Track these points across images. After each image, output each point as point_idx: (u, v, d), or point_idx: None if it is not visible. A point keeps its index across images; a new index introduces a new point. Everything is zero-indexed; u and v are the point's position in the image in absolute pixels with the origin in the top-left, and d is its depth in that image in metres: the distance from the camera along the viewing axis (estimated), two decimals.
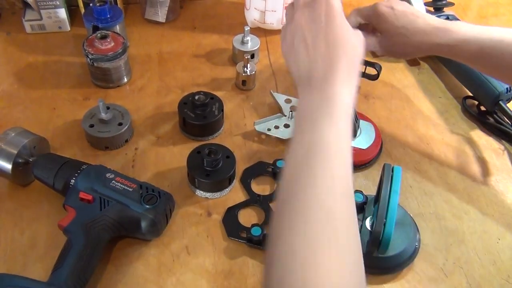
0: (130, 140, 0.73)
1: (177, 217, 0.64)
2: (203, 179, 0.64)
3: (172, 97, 0.80)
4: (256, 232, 0.60)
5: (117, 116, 0.72)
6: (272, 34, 0.94)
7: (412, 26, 0.66)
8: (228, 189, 0.67)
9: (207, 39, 0.93)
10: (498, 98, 0.77)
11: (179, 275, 0.58)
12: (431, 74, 0.89)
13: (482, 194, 0.70)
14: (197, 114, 0.72)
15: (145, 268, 0.59)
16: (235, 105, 0.80)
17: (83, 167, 0.62)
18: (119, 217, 0.58)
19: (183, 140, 0.74)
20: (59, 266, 0.53)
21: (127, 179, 0.61)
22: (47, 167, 0.62)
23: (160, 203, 0.59)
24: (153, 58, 0.88)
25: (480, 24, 0.66)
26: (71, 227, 0.56)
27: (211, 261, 0.60)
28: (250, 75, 0.81)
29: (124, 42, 0.79)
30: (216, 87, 0.83)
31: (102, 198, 0.59)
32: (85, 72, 0.82)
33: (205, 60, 0.88)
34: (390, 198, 0.55)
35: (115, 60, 0.77)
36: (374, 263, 0.59)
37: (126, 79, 0.82)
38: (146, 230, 0.59)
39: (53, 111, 0.77)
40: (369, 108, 0.81)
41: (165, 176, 0.69)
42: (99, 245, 0.56)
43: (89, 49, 0.76)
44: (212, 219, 0.64)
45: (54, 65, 0.85)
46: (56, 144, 0.71)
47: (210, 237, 0.62)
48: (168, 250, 0.61)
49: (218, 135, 0.75)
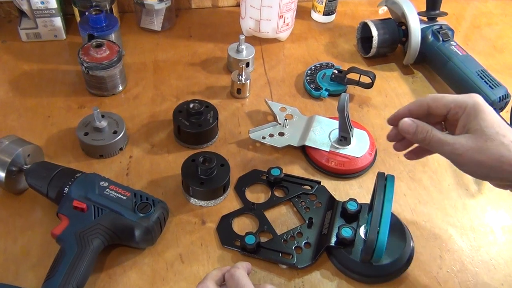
0: (125, 148, 0.73)
1: (171, 225, 0.64)
2: (198, 187, 0.64)
3: (167, 105, 0.80)
4: (250, 241, 0.60)
5: (112, 124, 0.72)
6: (267, 43, 0.95)
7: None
8: (223, 197, 0.67)
9: (203, 47, 0.93)
10: (491, 107, 0.77)
11: (172, 284, 0.58)
12: (425, 82, 0.90)
13: (476, 203, 0.70)
14: (191, 122, 0.72)
15: (138, 277, 0.58)
16: (230, 113, 0.80)
17: (77, 175, 0.62)
18: (112, 226, 0.58)
19: (177, 148, 0.74)
20: (52, 275, 0.52)
21: (121, 187, 0.61)
22: (40, 175, 0.62)
23: (154, 212, 0.59)
24: (148, 67, 0.88)
25: (473, 35, 0.66)
26: (64, 235, 0.56)
27: (205, 269, 0.60)
28: (245, 83, 0.81)
29: (119, 50, 0.79)
30: (211, 95, 0.83)
31: (95, 207, 0.58)
32: (80, 80, 0.82)
33: (200, 69, 0.89)
34: (383, 206, 0.55)
35: (110, 69, 0.77)
36: (368, 272, 0.59)
37: (121, 87, 0.82)
38: (140, 238, 0.58)
39: (48, 119, 0.77)
40: (364, 117, 0.82)
41: (160, 184, 0.69)
42: (93, 254, 0.55)
43: (84, 58, 0.77)
44: (206, 227, 0.64)
45: (50, 73, 0.85)
46: (51, 152, 0.71)
47: (204, 246, 0.62)
48: (162, 259, 0.60)
49: (212, 143, 0.75)
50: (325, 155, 0.72)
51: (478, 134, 0.50)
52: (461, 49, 0.85)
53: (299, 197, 0.68)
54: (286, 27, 0.94)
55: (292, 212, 0.67)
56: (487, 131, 0.50)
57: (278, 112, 0.78)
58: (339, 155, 0.72)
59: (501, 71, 0.91)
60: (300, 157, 0.74)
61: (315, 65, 0.88)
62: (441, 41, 0.86)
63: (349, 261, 0.59)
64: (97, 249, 0.56)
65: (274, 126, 0.76)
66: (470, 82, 0.80)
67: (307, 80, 0.86)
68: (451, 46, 0.86)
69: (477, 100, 0.52)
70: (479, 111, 0.51)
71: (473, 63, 0.83)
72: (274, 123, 0.77)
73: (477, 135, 0.50)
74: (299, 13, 0.99)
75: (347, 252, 0.59)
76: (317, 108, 0.83)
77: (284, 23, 0.92)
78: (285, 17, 0.91)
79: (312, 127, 0.75)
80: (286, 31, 0.95)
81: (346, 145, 0.72)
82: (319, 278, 0.60)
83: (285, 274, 0.60)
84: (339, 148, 0.72)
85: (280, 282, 0.59)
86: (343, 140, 0.72)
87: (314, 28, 1.01)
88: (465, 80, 0.81)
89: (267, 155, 0.74)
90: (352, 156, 0.71)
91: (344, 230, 0.60)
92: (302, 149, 0.74)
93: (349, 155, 0.72)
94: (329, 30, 1.01)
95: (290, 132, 0.76)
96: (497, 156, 0.49)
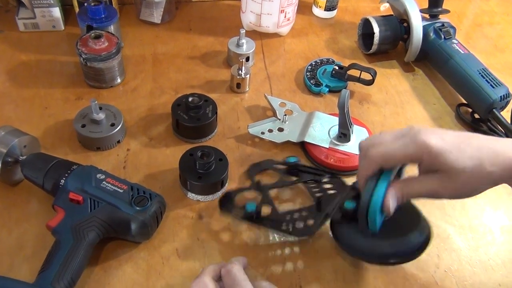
0: (122, 141, 0.72)
1: (168, 219, 0.63)
2: (195, 181, 0.64)
3: (165, 99, 0.80)
4: (251, 208, 0.60)
5: (110, 116, 0.71)
6: (268, 37, 0.94)
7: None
8: (220, 192, 0.67)
9: (203, 41, 0.93)
10: (492, 106, 0.77)
11: (168, 279, 0.58)
12: (426, 80, 0.89)
13: (474, 202, 0.69)
14: (190, 116, 0.72)
15: (134, 271, 0.58)
16: (229, 107, 0.80)
17: (73, 167, 0.61)
18: (109, 219, 0.57)
19: (175, 142, 0.73)
20: (46, 268, 0.52)
21: (118, 180, 0.60)
22: (37, 166, 0.61)
23: (151, 205, 0.58)
24: (147, 59, 0.87)
25: (475, 33, 0.65)
26: (59, 228, 0.56)
27: (202, 264, 0.59)
28: (244, 78, 0.80)
29: (118, 42, 0.78)
30: (210, 89, 0.82)
31: (92, 199, 0.58)
32: (78, 71, 0.82)
33: (200, 62, 0.88)
34: (379, 180, 0.52)
35: (108, 60, 0.77)
36: (379, 251, 0.55)
37: (119, 80, 0.81)
38: (136, 232, 0.58)
39: (45, 110, 0.76)
40: (363, 113, 0.81)
41: (157, 178, 0.68)
42: (88, 247, 0.55)
43: (82, 49, 0.76)
44: (203, 222, 0.64)
45: (47, 64, 0.84)
46: (47, 144, 0.70)
47: (201, 241, 0.62)
48: (158, 253, 0.60)
49: (211, 137, 0.74)
50: (324, 151, 0.71)
51: (446, 172, 0.48)
52: (463, 47, 0.85)
53: (313, 182, 0.66)
54: (287, 22, 0.93)
55: (301, 194, 0.66)
56: (454, 166, 0.48)
57: (278, 108, 0.78)
58: (338, 152, 0.71)
59: (502, 71, 0.90)
60: (299, 153, 0.73)
61: (316, 61, 0.88)
62: (442, 39, 0.86)
63: (350, 234, 0.56)
64: (92, 242, 0.56)
65: (273, 122, 0.76)
66: (471, 81, 0.80)
67: (307, 75, 0.85)
68: (453, 44, 0.85)
69: (429, 148, 0.48)
70: (436, 156, 0.48)
71: (474, 61, 0.82)
72: (273, 118, 0.76)
73: (444, 173, 0.49)
74: (300, 8, 0.98)
75: (349, 227, 0.56)
76: (317, 104, 0.82)
77: (285, 17, 0.91)
78: (286, 12, 0.90)
79: (312, 123, 0.75)
80: (287, 26, 0.94)
81: (346, 142, 0.72)
82: (317, 253, 0.60)
83: (281, 274, 0.59)
84: (338, 144, 0.72)
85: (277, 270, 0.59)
86: (342, 136, 0.72)
87: (315, 24, 1.01)
88: (466, 79, 0.80)
89: (266, 150, 0.73)
90: (352, 153, 0.71)
91: (347, 203, 0.57)
92: (301, 145, 0.74)
93: (348, 152, 0.71)
94: (330, 25, 1.00)
95: (290, 128, 0.75)
96: (473, 174, 0.48)
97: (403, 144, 0.50)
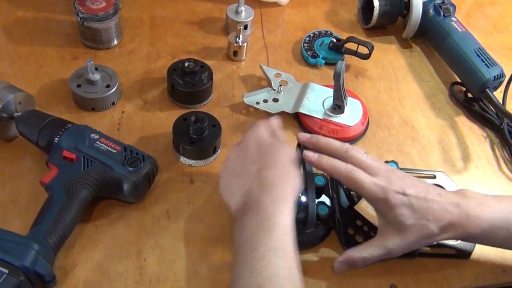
0: (117, 103, 0.73)
1: (160, 182, 0.64)
2: (188, 146, 0.65)
3: (162, 63, 0.80)
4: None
5: (105, 77, 0.71)
6: (267, 6, 0.93)
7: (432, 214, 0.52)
8: (212, 157, 0.68)
9: (201, 6, 0.92)
10: (485, 86, 0.77)
11: (158, 238, 0.59)
12: (422, 57, 0.89)
13: (460, 179, 0.71)
14: (186, 81, 0.72)
15: (125, 229, 0.59)
16: (224, 75, 0.80)
17: (67, 125, 0.62)
18: (101, 178, 0.58)
19: (170, 106, 0.74)
20: (39, 221, 0.53)
21: (112, 141, 0.61)
22: (31, 123, 0.62)
23: (144, 167, 0.59)
24: (145, 22, 0.87)
25: (476, 12, 0.65)
26: (53, 184, 0.57)
27: (191, 227, 0.61)
28: (241, 46, 0.80)
29: (116, 3, 0.77)
30: (207, 55, 0.82)
31: (85, 158, 0.59)
32: (75, 31, 0.81)
33: (198, 28, 0.87)
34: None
35: (105, 21, 0.76)
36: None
37: (116, 41, 0.81)
38: (128, 192, 0.59)
39: (40, 68, 0.76)
40: (358, 87, 0.81)
41: (150, 141, 0.69)
42: (80, 204, 0.56)
43: (79, 8, 0.75)
44: (194, 186, 0.65)
45: (44, 22, 0.83)
46: (42, 102, 0.71)
47: (191, 204, 0.63)
48: (149, 214, 0.61)
49: (206, 103, 0.75)
50: (318, 122, 0.72)
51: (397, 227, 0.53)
52: (461, 25, 0.85)
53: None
54: None
55: None
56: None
57: (273, 78, 0.78)
58: (332, 123, 0.72)
59: (499, 51, 0.90)
60: (293, 124, 0.74)
61: (314, 33, 0.88)
62: (442, 16, 0.86)
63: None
64: (85, 199, 0.57)
65: (268, 92, 0.76)
66: (467, 59, 0.80)
67: (304, 47, 0.85)
68: (452, 21, 0.85)
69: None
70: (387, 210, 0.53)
71: (471, 40, 0.83)
72: (268, 88, 0.77)
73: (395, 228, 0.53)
74: None
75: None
76: (313, 76, 0.82)
77: None
78: None
79: (306, 94, 0.75)
80: None
81: (340, 114, 0.72)
82: None
83: None
84: (332, 116, 0.72)
85: None
86: (336, 108, 0.72)
87: None
88: (461, 57, 0.81)
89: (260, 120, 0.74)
90: (345, 124, 0.72)
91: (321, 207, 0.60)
92: (296, 116, 0.75)
93: (342, 123, 0.72)
94: None
95: (284, 99, 0.75)
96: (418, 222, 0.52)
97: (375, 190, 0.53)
